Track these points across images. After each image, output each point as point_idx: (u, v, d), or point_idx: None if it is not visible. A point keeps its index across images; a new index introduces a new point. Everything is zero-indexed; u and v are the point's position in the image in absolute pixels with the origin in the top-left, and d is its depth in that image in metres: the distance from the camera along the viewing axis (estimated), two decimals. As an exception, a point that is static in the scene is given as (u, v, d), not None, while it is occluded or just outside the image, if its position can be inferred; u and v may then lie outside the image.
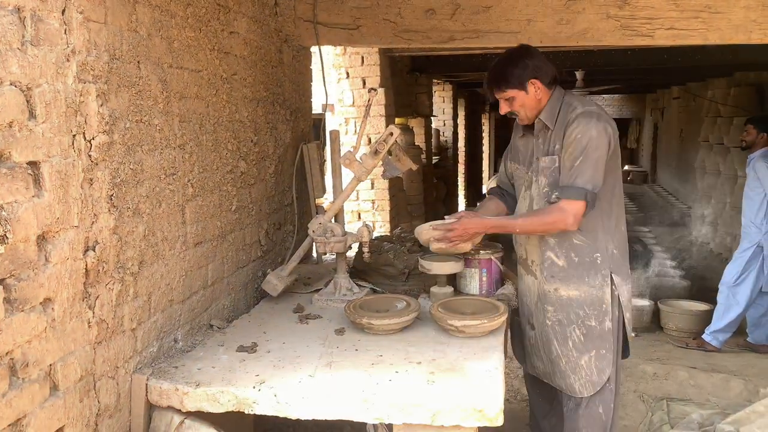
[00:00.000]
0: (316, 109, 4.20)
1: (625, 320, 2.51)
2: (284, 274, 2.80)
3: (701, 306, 5.32)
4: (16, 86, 1.44)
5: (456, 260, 2.72)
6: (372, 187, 5.87)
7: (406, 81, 7.44)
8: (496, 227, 2.57)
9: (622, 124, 19.72)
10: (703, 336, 4.83)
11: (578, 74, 8.42)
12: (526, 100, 2.47)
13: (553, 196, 2.41)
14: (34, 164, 1.51)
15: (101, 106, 1.76)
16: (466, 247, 2.61)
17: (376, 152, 2.72)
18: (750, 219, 4.74)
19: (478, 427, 1.86)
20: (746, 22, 3.00)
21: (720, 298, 4.81)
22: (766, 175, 4.65)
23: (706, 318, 4.97)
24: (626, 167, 17.87)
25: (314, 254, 3.66)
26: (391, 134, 2.69)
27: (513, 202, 2.72)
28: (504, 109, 2.55)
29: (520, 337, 2.76)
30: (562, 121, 2.42)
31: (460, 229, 2.49)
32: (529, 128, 2.57)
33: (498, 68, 2.50)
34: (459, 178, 11.84)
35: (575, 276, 2.47)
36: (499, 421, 1.83)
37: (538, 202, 2.51)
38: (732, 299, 4.71)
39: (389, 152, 2.74)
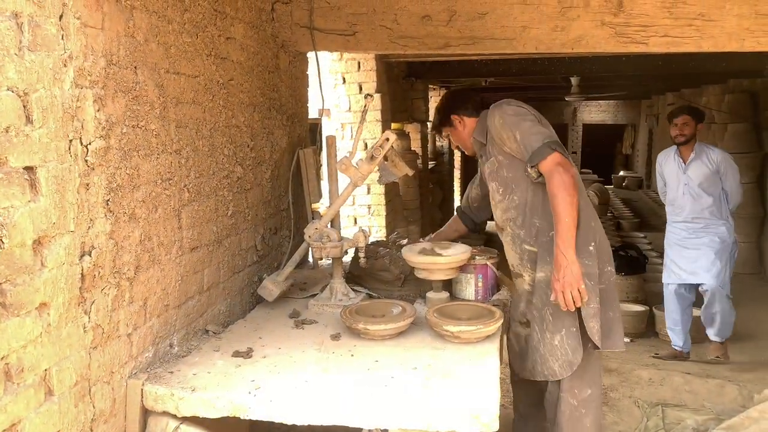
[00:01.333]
0: (313, 114, 4.20)
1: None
2: (280, 279, 2.80)
3: (696, 312, 5.32)
4: (13, 91, 1.44)
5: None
6: (368, 192, 5.88)
7: (402, 87, 7.46)
8: (568, 247, 2.33)
9: (618, 130, 19.80)
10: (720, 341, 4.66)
11: (573, 80, 8.47)
12: (458, 134, 2.81)
13: (530, 169, 2.44)
14: (30, 169, 1.51)
15: (98, 111, 1.77)
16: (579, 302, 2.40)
17: (372, 157, 2.73)
18: (717, 216, 4.52)
19: (474, 433, 1.86)
20: (739, 30, 3.02)
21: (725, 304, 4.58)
22: (735, 169, 4.53)
23: (697, 323, 4.93)
24: (621, 173, 17.94)
25: (310, 259, 3.66)
26: (387, 139, 2.70)
27: (471, 223, 3.10)
28: (454, 145, 2.78)
29: (515, 347, 2.72)
30: (486, 127, 2.64)
31: (566, 288, 2.33)
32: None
33: (434, 116, 2.91)
34: (455, 183, 11.85)
35: (540, 257, 2.53)
36: (494, 427, 1.83)
37: (500, 207, 2.65)
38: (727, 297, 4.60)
39: (385, 158, 2.75)
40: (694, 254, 4.58)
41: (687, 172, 4.59)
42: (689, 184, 4.58)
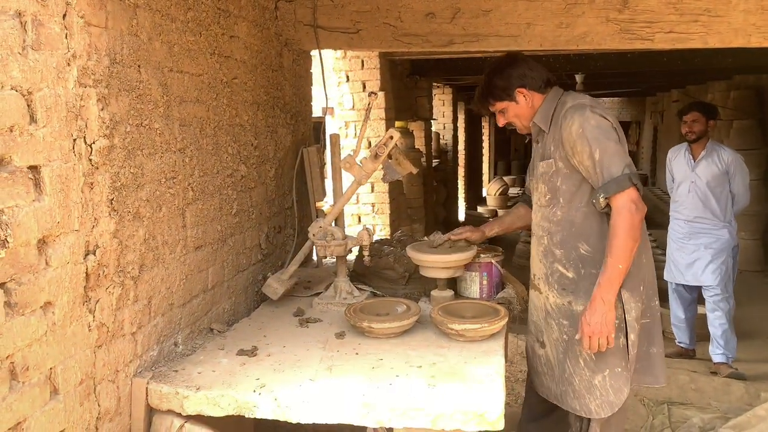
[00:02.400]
0: (317, 112, 4.20)
1: (629, 342, 2.28)
2: (284, 277, 2.80)
3: (702, 310, 5.29)
4: (17, 90, 1.44)
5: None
6: (372, 191, 5.88)
7: (405, 84, 7.45)
8: (611, 292, 2.18)
9: (622, 127, 19.71)
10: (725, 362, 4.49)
11: (578, 78, 8.43)
12: (518, 110, 2.43)
13: (600, 198, 2.19)
14: (34, 168, 1.51)
15: (102, 110, 1.77)
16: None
17: (376, 156, 2.72)
18: (719, 218, 4.44)
19: (479, 431, 1.86)
20: (745, 26, 3.00)
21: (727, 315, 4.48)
22: (744, 172, 4.46)
23: (703, 320, 4.89)
24: (626, 170, 17.83)
25: (314, 258, 3.66)
26: (391, 137, 2.69)
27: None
28: (501, 121, 2.51)
29: (534, 363, 2.58)
30: (557, 122, 2.33)
31: (594, 333, 2.20)
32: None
33: (484, 83, 2.47)
34: (459, 181, 11.84)
35: (583, 289, 2.30)
36: (500, 425, 1.83)
37: (541, 212, 2.42)
38: (730, 306, 4.52)
39: (389, 156, 2.74)
40: (692, 256, 4.52)
41: (696, 170, 4.53)
42: (696, 183, 4.52)
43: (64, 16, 1.60)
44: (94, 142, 1.74)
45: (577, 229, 2.32)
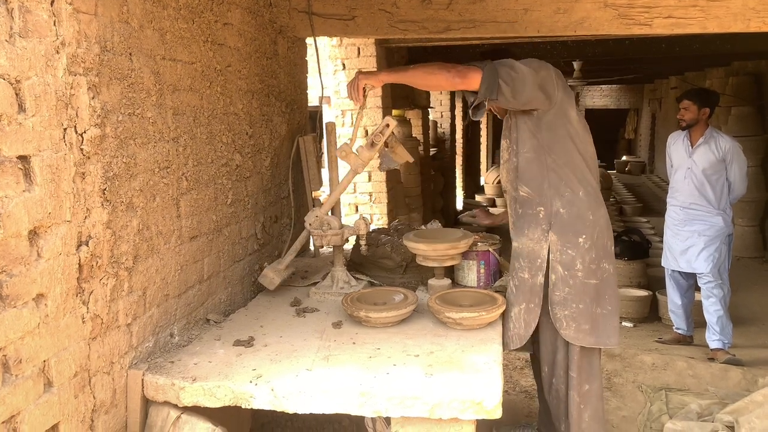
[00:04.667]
0: (313, 101, 4.17)
1: (550, 282, 2.46)
2: (281, 267, 2.78)
3: (699, 296, 5.29)
4: (4, 79, 1.41)
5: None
6: (369, 180, 5.84)
7: (403, 72, 7.39)
8: (381, 72, 2.58)
9: (620, 115, 19.70)
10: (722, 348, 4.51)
11: (576, 65, 8.39)
12: None
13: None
14: (24, 158, 1.49)
15: (92, 98, 1.74)
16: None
17: (372, 144, 2.69)
18: (714, 205, 4.43)
19: (477, 420, 1.85)
20: (744, 10, 2.97)
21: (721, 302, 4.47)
22: (742, 161, 4.44)
23: (700, 307, 4.88)
24: (624, 158, 17.86)
25: (311, 247, 3.65)
26: (387, 125, 2.66)
27: None
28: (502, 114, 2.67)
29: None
30: None
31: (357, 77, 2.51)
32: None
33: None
34: (457, 170, 11.81)
35: (517, 227, 2.55)
36: (497, 414, 1.82)
37: (505, 167, 2.60)
38: (725, 293, 4.52)
39: (386, 144, 2.72)
40: (686, 243, 4.52)
41: (693, 156, 4.52)
42: (692, 169, 4.51)
43: (53, 2, 1.57)
44: (85, 132, 1.71)
45: (519, 174, 2.51)
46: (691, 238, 4.50)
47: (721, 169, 4.45)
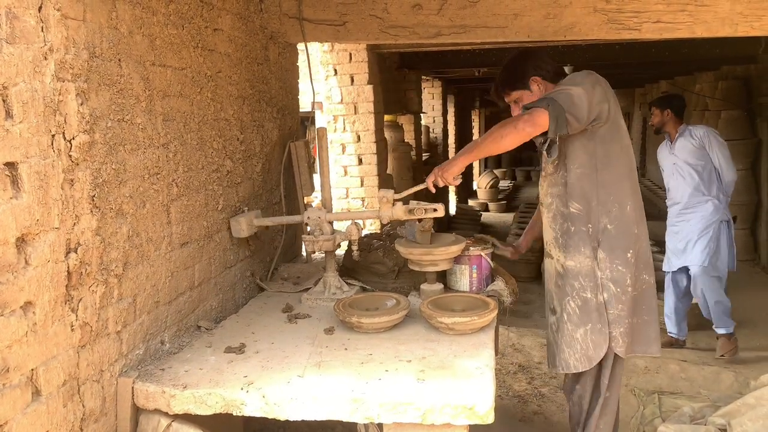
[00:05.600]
0: (305, 106, 4.16)
1: (605, 300, 2.42)
2: (255, 222, 2.75)
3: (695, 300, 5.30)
4: (-9, 85, 1.41)
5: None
6: (362, 185, 5.84)
7: (394, 78, 7.42)
8: (460, 156, 2.42)
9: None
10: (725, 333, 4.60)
11: (566, 69, 8.43)
12: (532, 98, 2.47)
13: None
14: (11, 165, 1.48)
15: (81, 105, 1.73)
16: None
17: (410, 212, 2.63)
18: (703, 192, 4.52)
19: (469, 425, 1.85)
20: (732, 15, 3.00)
21: (715, 293, 4.54)
22: (720, 143, 4.55)
23: (695, 310, 4.93)
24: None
25: (303, 253, 3.64)
26: (435, 210, 2.61)
27: None
28: (515, 111, 2.57)
29: (549, 337, 2.64)
30: None
31: (437, 176, 2.43)
32: None
33: (501, 74, 2.60)
34: (449, 175, 11.81)
35: (572, 245, 2.45)
36: (489, 419, 1.82)
37: (547, 180, 2.53)
38: (719, 282, 4.57)
39: (419, 220, 2.69)
40: (679, 236, 4.63)
41: (674, 151, 4.69)
42: (677, 163, 4.65)
43: (40, 8, 1.56)
44: (73, 138, 1.70)
45: (569, 189, 2.44)
46: (683, 231, 4.59)
47: (703, 156, 4.57)
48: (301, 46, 3.57)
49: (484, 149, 2.36)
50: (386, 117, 6.59)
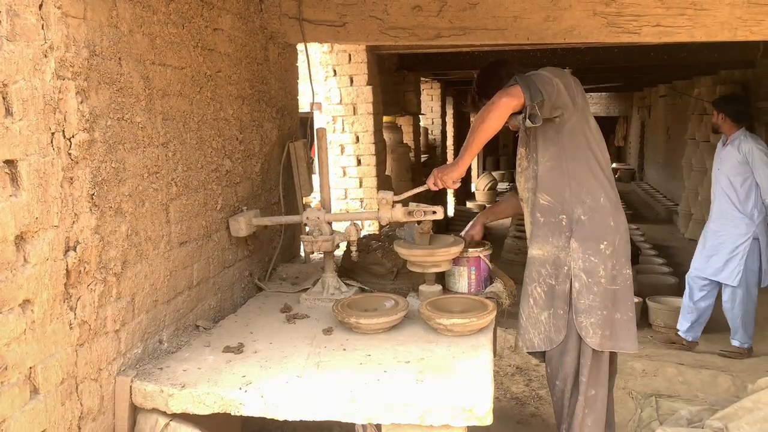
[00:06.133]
0: (304, 107, 4.16)
1: (573, 290, 2.47)
2: (254, 221, 2.75)
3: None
4: (-9, 82, 1.40)
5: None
6: (360, 186, 5.85)
7: (393, 79, 7.42)
8: (460, 159, 2.45)
9: (610, 122, 19.83)
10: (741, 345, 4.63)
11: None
12: None
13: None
14: (11, 163, 1.48)
15: (81, 103, 1.73)
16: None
17: (409, 213, 2.64)
18: (737, 208, 4.48)
19: (468, 427, 1.85)
20: (731, 19, 3.00)
21: (738, 304, 4.53)
22: (762, 163, 4.43)
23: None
24: (614, 165, 17.94)
25: (302, 253, 3.63)
26: (435, 213, 2.62)
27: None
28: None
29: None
30: None
31: (437, 178, 2.49)
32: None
33: (475, 83, 2.65)
34: (448, 177, 11.81)
35: (540, 236, 2.53)
36: (488, 420, 1.82)
37: (524, 175, 2.59)
38: (748, 297, 4.53)
39: (418, 222, 2.69)
40: (711, 251, 4.60)
41: (720, 154, 4.64)
42: (720, 171, 4.61)
43: (41, 6, 1.56)
44: (73, 136, 1.70)
45: (539, 182, 2.50)
46: (716, 248, 4.57)
47: (745, 171, 4.49)
48: (300, 47, 3.57)
49: (476, 140, 2.37)
50: (385, 118, 6.59)
